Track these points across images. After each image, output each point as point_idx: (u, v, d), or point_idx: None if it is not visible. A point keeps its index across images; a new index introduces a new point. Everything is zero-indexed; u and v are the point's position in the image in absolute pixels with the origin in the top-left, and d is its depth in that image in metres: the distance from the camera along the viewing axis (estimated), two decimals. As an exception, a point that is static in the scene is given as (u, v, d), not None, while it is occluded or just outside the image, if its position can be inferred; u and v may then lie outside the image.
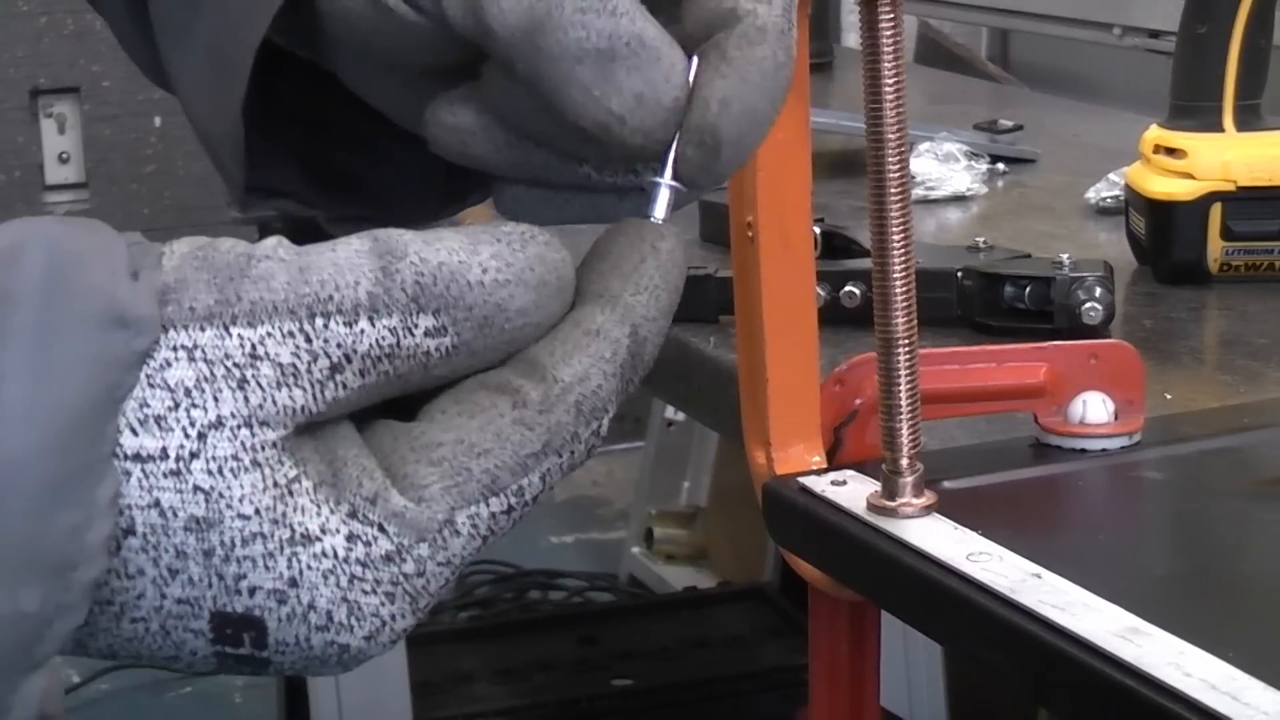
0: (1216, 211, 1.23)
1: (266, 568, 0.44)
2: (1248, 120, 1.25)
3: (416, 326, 0.45)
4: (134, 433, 0.43)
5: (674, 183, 0.51)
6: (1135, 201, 1.27)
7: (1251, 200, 1.23)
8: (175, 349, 0.44)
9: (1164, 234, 1.24)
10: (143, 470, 0.44)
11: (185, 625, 0.45)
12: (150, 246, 0.45)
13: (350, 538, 0.45)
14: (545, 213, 0.55)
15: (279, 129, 0.60)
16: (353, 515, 0.45)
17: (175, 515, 0.44)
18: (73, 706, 2.73)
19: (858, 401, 0.80)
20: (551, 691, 2.36)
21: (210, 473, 0.44)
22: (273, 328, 0.44)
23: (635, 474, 3.15)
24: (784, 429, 0.79)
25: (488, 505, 0.46)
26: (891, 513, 0.72)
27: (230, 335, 0.44)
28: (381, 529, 0.45)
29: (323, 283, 0.45)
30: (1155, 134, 1.26)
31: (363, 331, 0.45)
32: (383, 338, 0.45)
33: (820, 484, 0.76)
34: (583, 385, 0.47)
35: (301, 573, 0.45)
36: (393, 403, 0.47)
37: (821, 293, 1.09)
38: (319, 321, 0.44)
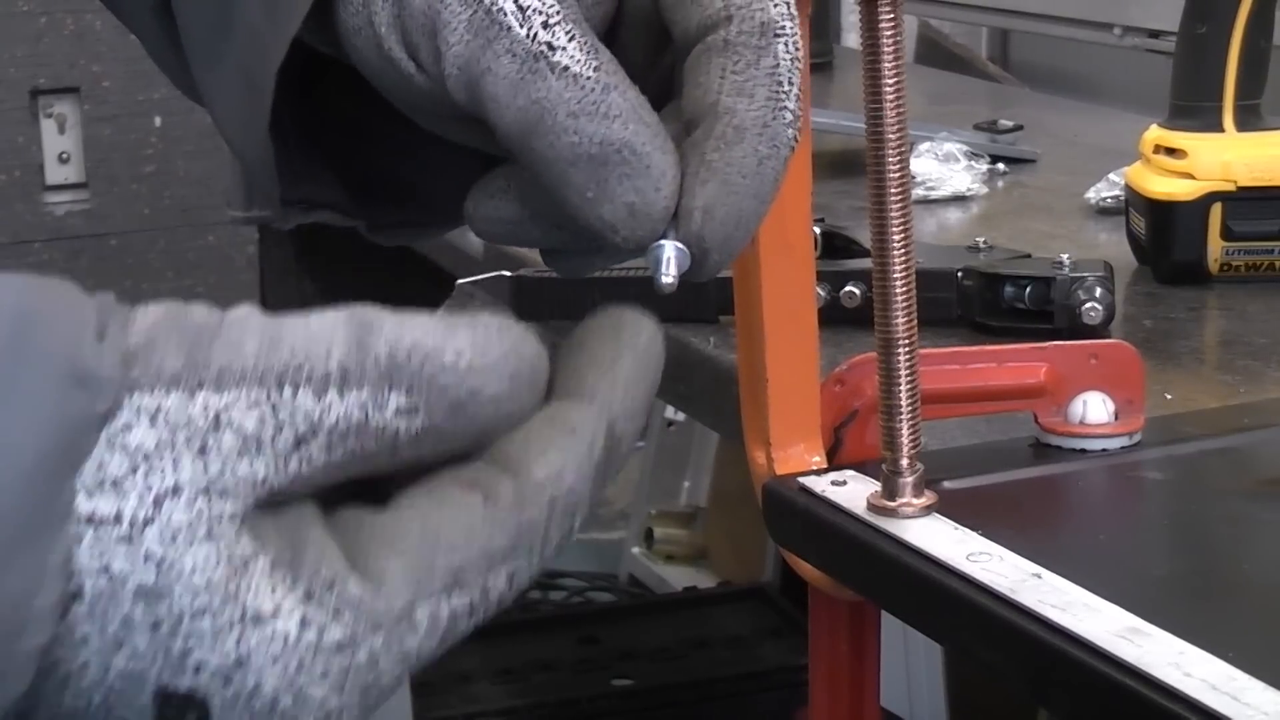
0: (1216, 211, 1.23)
1: (213, 646, 0.43)
2: (1248, 120, 1.25)
3: (387, 404, 0.44)
4: (89, 495, 0.42)
5: (679, 244, 0.51)
6: (1135, 201, 1.27)
7: (1251, 200, 1.23)
8: (138, 411, 0.42)
9: (1164, 234, 1.24)
10: (95, 534, 0.42)
11: (128, 702, 0.43)
12: (119, 308, 0.44)
13: (303, 622, 0.43)
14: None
15: (322, 137, 0.60)
16: (308, 598, 0.43)
17: (125, 583, 0.42)
18: None
19: (858, 402, 0.80)
20: (551, 691, 2.36)
21: (163, 541, 0.42)
22: (239, 394, 0.43)
23: (635, 474, 3.15)
24: (784, 429, 0.79)
25: (449, 601, 0.45)
26: (891, 513, 0.72)
27: (195, 400, 0.43)
28: (336, 615, 0.43)
29: (294, 350, 0.43)
30: (1155, 134, 1.26)
31: (330, 405, 0.43)
32: (350, 412, 0.43)
33: (820, 484, 0.76)
34: (556, 483, 0.46)
35: (249, 653, 0.43)
36: (363, 485, 0.46)
37: (821, 293, 1.09)
38: (287, 391, 0.43)
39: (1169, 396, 0.99)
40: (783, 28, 0.51)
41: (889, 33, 0.69)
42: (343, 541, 0.44)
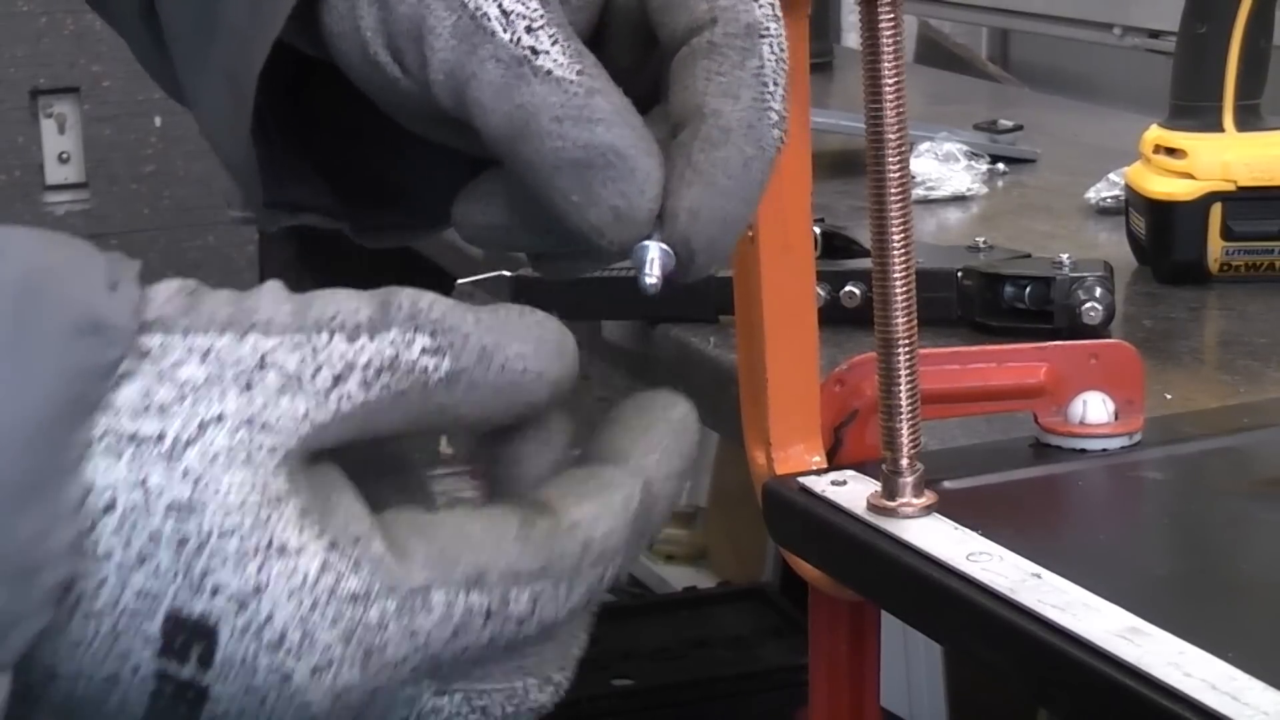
0: (1216, 211, 1.23)
1: (235, 569, 0.44)
2: (1248, 120, 1.25)
3: (413, 343, 0.46)
4: (134, 416, 0.44)
5: (664, 245, 0.51)
6: (1135, 201, 1.27)
7: (1251, 200, 1.23)
8: (191, 350, 0.44)
9: (1164, 234, 1.24)
10: (136, 449, 0.43)
11: (137, 627, 0.44)
12: (129, 263, 0.45)
13: (324, 565, 0.44)
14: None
15: (309, 139, 0.61)
16: (332, 547, 0.45)
17: (159, 496, 0.43)
18: None
19: (858, 402, 0.80)
20: (551, 691, 2.36)
21: (203, 460, 0.44)
22: (283, 339, 0.45)
23: (635, 474, 3.14)
24: (784, 429, 0.79)
25: (467, 596, 0.46)
26: (891, 513, 0.72)
27: (245, 342, 0.45)
28: (355, 567, 0.45)
29: (325, 307, 0.46)
30: (1155, 134, 1.26)
31: (363, 346, 0.46)
32: (382, 350, 0.46)
33: (820, 484, 0.76)
34: (590, 526, 0.48)
35: (268, 582, 0.44)
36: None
37: (821, 293, 1.09)
38: (323, 336, 0.45)
39: (1169, 396, 0.99)
40: (768, 29, 0.52)
41: (889, 33, 0.69)
42: (381, 524, 0.46)
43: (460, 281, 1.21)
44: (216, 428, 0.44)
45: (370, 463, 0.49)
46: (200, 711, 0.45)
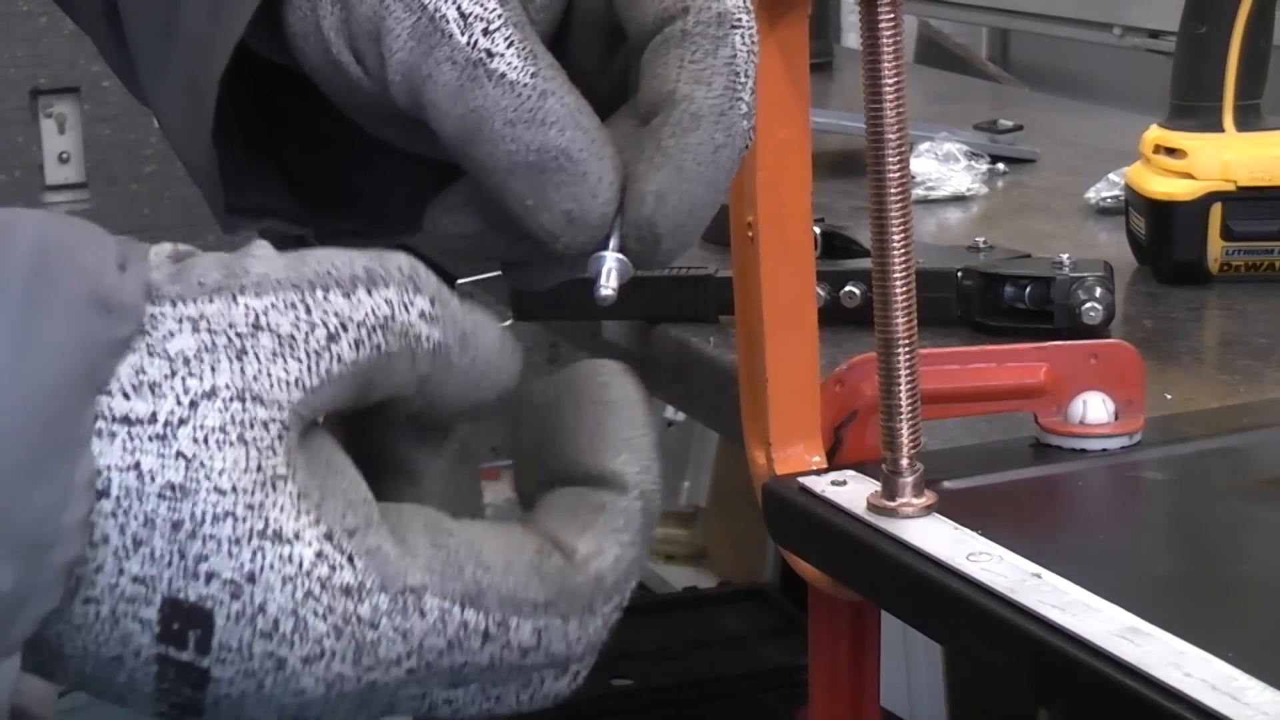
0: (1216, 211, 1.23)
1: (230, 554, 0.44)
2: (1248, 120, 1.25)
3: (412, 304, 0.46)
4: (126, 397, 0.43)
5: (620, 255, 0.51)
6: (1135, 201, 1.27)
7: (1251, 200, 1.23)
8: (181, 320, 0.44)
9: (1164, 234, 1.24)
10: (129, 433, 0.43)
11: (135, 612, 0.44)
12: (139, 244, 0.45)
13: (318, 555, 0.44)
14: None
15: (272, 145, 0.61)
16: (328, 537, 0.44)
17: (152, 480, 0.43)
18: (72, 707, 2.73)
19: (858, 402, 0.80)
20: (551, 691, 2.36)
21: (196, 440, 0.43)
22: (277, 299, 0.45)
23: (635, 474, 3.14)
24: (784, 429, 0.79)
25: (462, 611, 0.45)
26: (891, 513, 0.72)
27: (237, 304, 0.44)
28: (350, 560, 0.44)
29: (320, 262, 0.46)
30: (1155, 134, 1.26)
31: (360, 300, 0.45)
32: (379, 306, 0.45)
33: (820, 484, 0.76)
34: (600, 558, 0.47)
35: (262, 569, 0.44)
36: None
37: (821, 293, 1.09)
38: (319, 292, 0.45)
39: (1169, 396, 0.99)
40: (739, 20, 0.52)
41: (889, 33, 0.69)
42: (393, 519, 0.46)
43: (460, 281, 1.21)
44: (209, 403, 0.44)
45: (391, 421, 0.49)
46: (204, 692, 0.45)
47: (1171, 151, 1.24)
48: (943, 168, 1.53)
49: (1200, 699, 0.56)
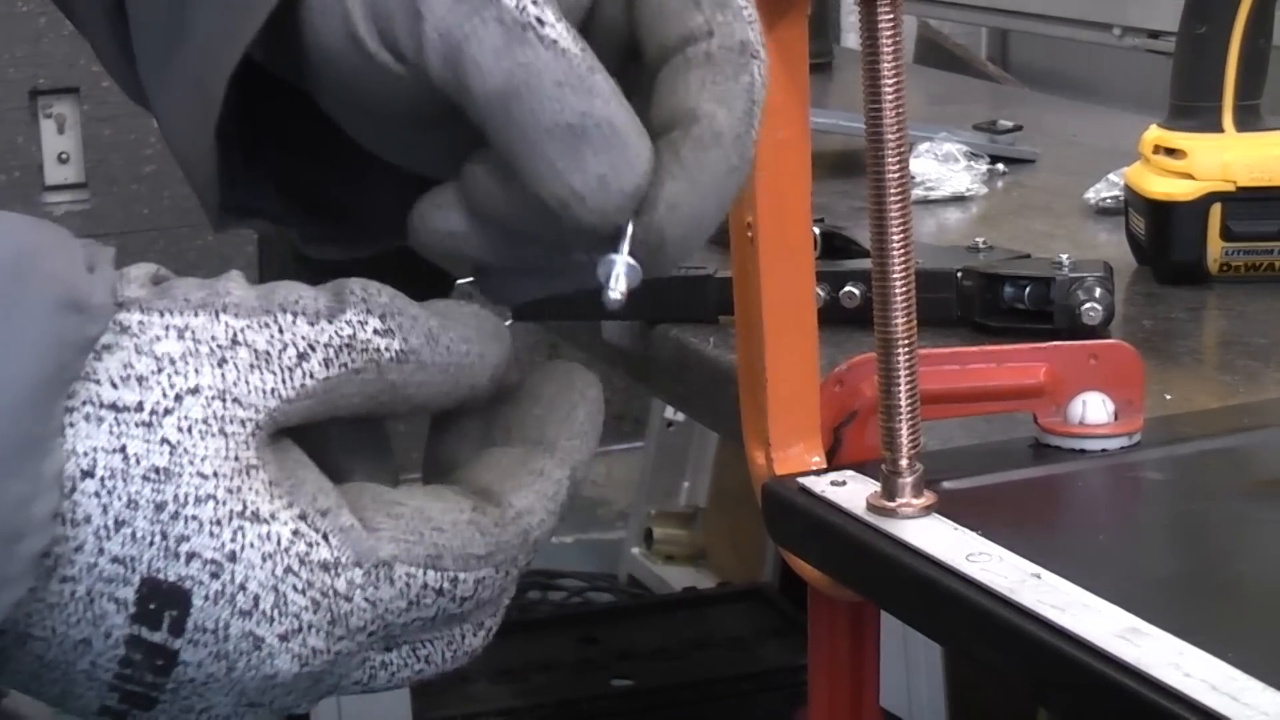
0: (1216, 212, 1.23)
1: (211, 534, 0.46)
2: (1247, 120, 1.25)
3: (366, 324, 0.49)
4: (114, 386, 0.46)
5: (631, 260, 0.51)
6: (1135, 202, 1.27)
7: (1251, 200, 1.23)
8: (167, 328, 0.47)
9: (1164, 234, 1.24)
10: (116, 418, 0.45)
11: (112, 593, 0.45)
12: (104, 248, 0.48)
13: (295, 534, 0.47)
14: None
15: (259, 148, 0.61)
16: (302, 518, 0.47)
17: (138, 462, 0.45)
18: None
19: (857, 402, 0.80)
20: (551, 691, 2.36)
21: (180, 429, 0.46)
22: (252, 320, 0.48)
23: (635, 474, 3.15)
24: (784, 429, 0.79)
25: (425, 574, 0.49)
26: (891, 513, 0.72)
27: (219, 320, 0.48)
28: (325, 538, 0.47)
29: (287, 294, 0.49)
30: (1155, 134, 1.26)
31: (323, 328, 0.49)
32: (340, 330, 0.49)
33: (820, 484, 0.76)
34: (530, 516, 0.51)
35: (243, 548, 0.46)
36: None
37: (821, 293, 1.09)
38: (288, 317, 0.48)
39: (1169, 397, 0.99)
40: (758, 51, 0.53)
41: (889, 33, 0.69)
42: (345, 498, 0.49)
43: (460, 281, 1.21)
44: (193, 399, 0.46)
45: (333, 438, 0.52)
46: (167, 677, 0.46)
47: (1171, 152, 1.24)
48: (942, 168, 1.53)
49: (1200, 699, 0.56)
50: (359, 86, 0.54)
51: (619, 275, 0.51)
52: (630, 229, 0.51)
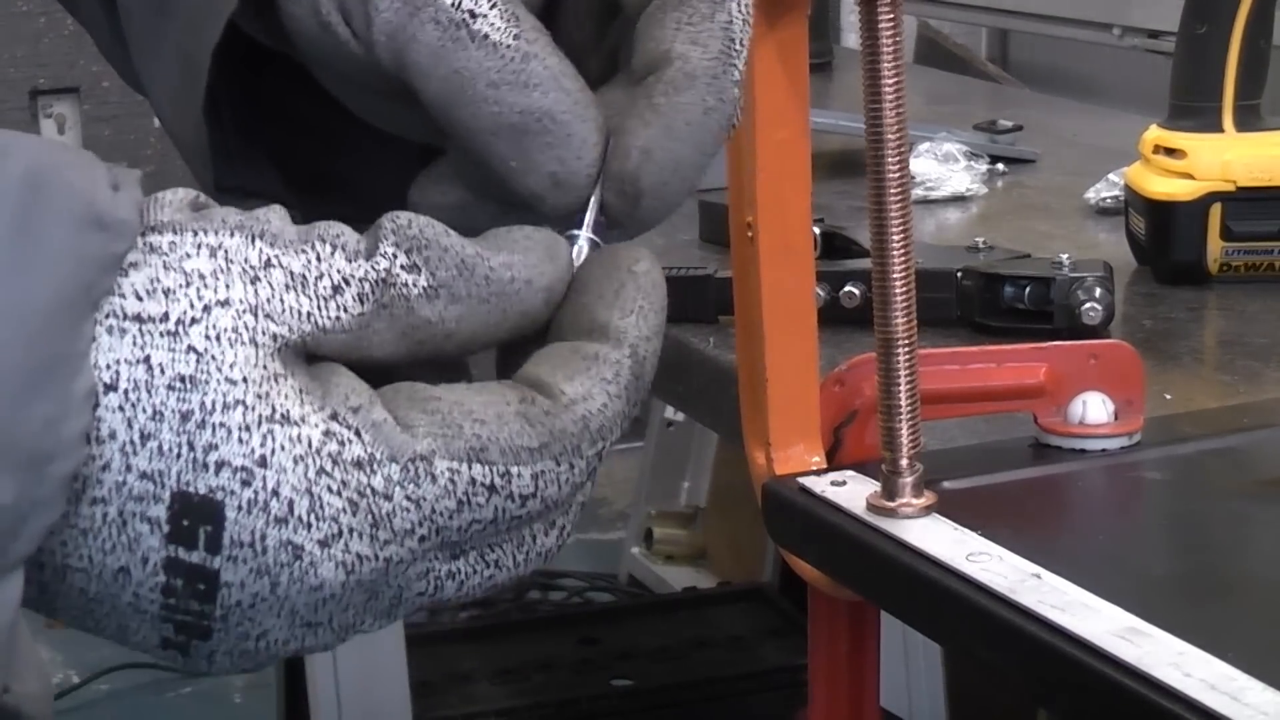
0: (1216, 212, 1.23)
1: (240, 440, 0.44)
2: (1247, 120, 1.25)
3: (395, 259, 0.46)
4: (139, 299, 0.44)
5: (592, 235, 0.51)
6: (1135, 202, 1.27)
7: (1251, 200, 1.23)
8: (199, 246, 0.45)
9: (1164, 234, 1.24)
10: (140, 329, 0.44)
11: (144, 511, 0.44)
12: (131, 171, 0.46)
13: (326, 434, 0.45)
14: None
15: (260, 127, 0.61)
16: (333, 417, 0.45)
17: (162, 372, 0.44)
18: (72, 707, 2.73)
19: (857, 402, 0.80)
20: (551, 691, 2.36)
21: (207, 337, 0.44)
22: (287, 248, 0.46)
23: (635, 474, 3.15)
24: (784, 429, 0.79)
25: (470, 468, 0.46)
26: (891, 513, 0.72)
27: (254, 245, 0.46)
28: (358, 434, 0.45)
29: (328, 228, 0.47)
30: (1155, 134, 1.26)
31: (359, 264, 0.46)
32: (376, 264, 0.46)
33: (820, 484, 0.76)
34: (588, 402, 0.47)
35: (273, 452, 0.44)
36: None
37: (821, 293, 1.09)
38: (327, 248, 0.46)
39: (1168, 396, 0.99)
40: None
41: (889, 33, 0.69)
42: (381, 397, 0.46)
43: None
44: (222, 309, 0.44)
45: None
46: (213, 604, 0.45)
47: (1171, 152, 1.24)
48: (942, 168, 1.53)
49: (1200, 699, 0.56)
50: (339, 66, 0.54)
51: (580, 250, 0.51)
52: (593, 202, 0.51)
